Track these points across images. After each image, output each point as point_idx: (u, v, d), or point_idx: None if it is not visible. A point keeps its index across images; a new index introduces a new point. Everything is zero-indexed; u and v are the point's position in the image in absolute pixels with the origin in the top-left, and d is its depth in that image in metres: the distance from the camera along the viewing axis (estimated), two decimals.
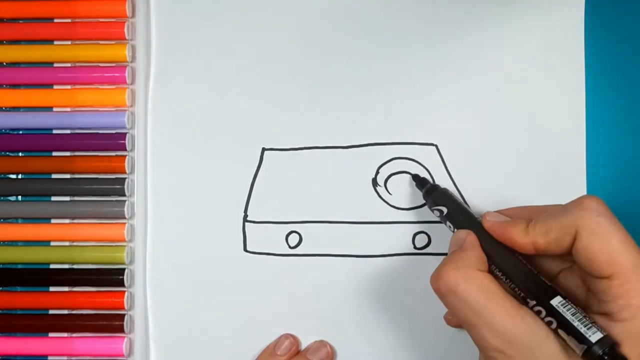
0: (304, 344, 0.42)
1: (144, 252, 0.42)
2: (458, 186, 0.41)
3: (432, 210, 0.39)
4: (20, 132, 0.43)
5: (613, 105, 0.42)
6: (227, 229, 0.42)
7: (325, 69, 0.42)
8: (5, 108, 0.43)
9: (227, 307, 0.42)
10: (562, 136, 0.41)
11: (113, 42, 0.43)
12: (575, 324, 0.31)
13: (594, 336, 0.30)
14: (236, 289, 0.42)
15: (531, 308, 0.32)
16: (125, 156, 0.42)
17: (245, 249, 0.42)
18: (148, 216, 0.42)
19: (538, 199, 0.41)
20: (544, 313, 0.32)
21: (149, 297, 0.42)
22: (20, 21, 0.43)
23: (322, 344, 0.41)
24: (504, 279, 0.34)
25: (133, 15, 0.43)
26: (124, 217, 0.42)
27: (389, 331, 0.41)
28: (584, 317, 0.31)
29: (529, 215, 0.34)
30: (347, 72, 0.42)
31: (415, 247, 0.41)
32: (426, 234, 0.41)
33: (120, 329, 0.42)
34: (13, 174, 0.43)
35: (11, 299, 0.42)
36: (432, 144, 0.42)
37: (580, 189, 0.41)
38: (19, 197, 0.43)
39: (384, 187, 0.42)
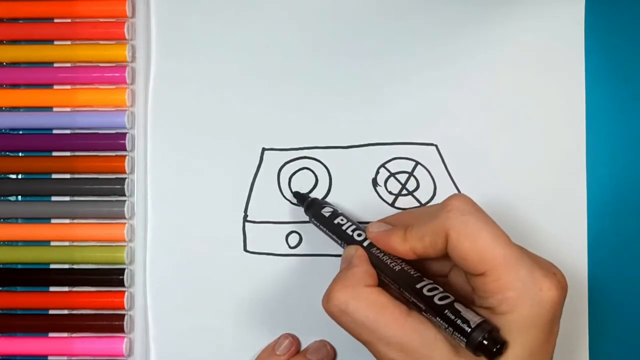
0: (304, 344, 0.42)
1: (144, 252, 0.42)
2: (458, 186, 0.41)
3: (313, 224, 0.40)
4: (20, 132, 0.43)
5: (613, 105, 0.42)
6: (227, 229, 0.42)
7: (325, 69, 0.42)
8: (5, 108, 0.43)
9: (227, 307, 0.42)
10: (562, 136, 0.41)
11: (113, 42, 0.43)
12: (452, 315, 0.31)
13: (472, 323, 0.31)
14: (236, 289, 0.42)
15: (417, 308, 0.33)
16: (125, 156, 0.42)
17: (245, 249, 0.42)
18: (148, 216, 0.42)
19: (538, 199, 0.41)
20: (424, 309, 0.32)
21: (149, 297, 0.42)
22: (20, 21, 0.43)
23: (322, 343, 0.41)
24: (393, 286, 0.34)
25: (133, 15, 0.43)
26: (124, 217, 0.42)
27: None
28: (464, 308, 0.31)
29: (409, 220, 0.35)
30: (348, 72, 0.42)
31: None
32: None
33: (120, 329, 0.42)
34: (13, 174, 0.43)
35: (11, 299, 0.42)
36: (432, 144, 0.42)
37: (580, 188, 0.41)
38: (19, 197, 0.43)
39: (384, 187, 0.42)
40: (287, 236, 0.42)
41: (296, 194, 0.41)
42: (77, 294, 0.42)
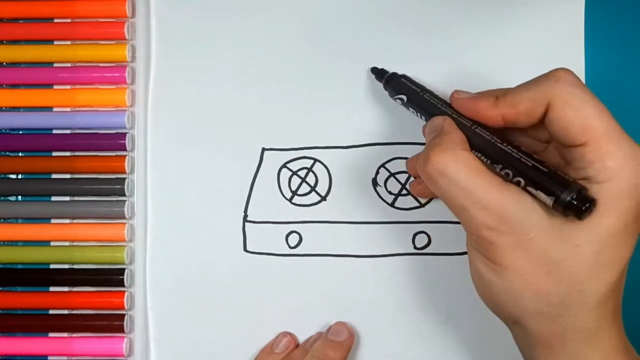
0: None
1: (144, 252, 0.42)
2: None
3: (395, 99, 0.39)
4: (20, 132, 0.43)
5: (613, 106, 0.41)
6: (227, 229, 0.42)
7: (325, 68, 0.42)
8: (5, 108, 0.43)
9: (227, 307, 0.42)
10: None
11: (113, 42, 0.43)
12: (542, 177, 0.31)
13: (562, 183, 0.30)
14: (236, 289, 0.42)
15: (503, 174, 0.32)
16: (125, 156, 0.42)
17: (245, 249, 0.42)
18: (148, 216, 0.42)
19: None
20: (511, 175, 0.32)
21: (149, 297, 0.42)
22: (20, 21, 0.43)
23: (342, 325, 0.41)
24: (479, 155, 0.34)
25: (133, 15, 0.43)
26: (124, 217, 0.42)
27: (389, 331, 0.41)
28: (549, 170, 0.31)
29: (499, 92, 0.34)
30: (347, 72, 0.42)
31: (415, 247, 0.41)
32: (426, 234, 0.41)
33: (120, 329, 0.42)
34: (13, 174, 0.43)
35: (11, 299, 0.42)
36: None
37: None
38: (19, 197, 0.43)
39: (384, 187, 0.42)
40: (287, 236, 0.42)
41: (374, 69, 0.41)
42: (77, 294, 0.42)
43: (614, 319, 0.32)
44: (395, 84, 0.39)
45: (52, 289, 0.42)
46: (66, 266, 0.43)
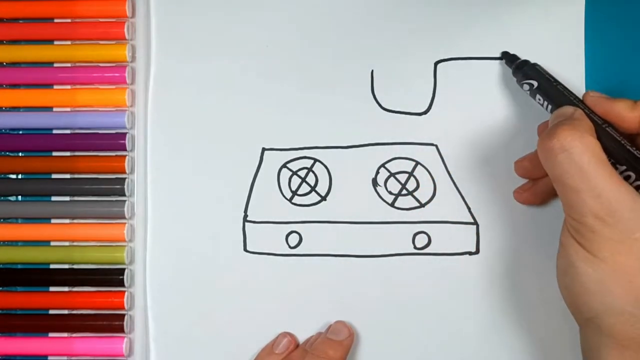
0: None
1: (144, 252, 0.42)
2: (458, 186, 0.41)
3: (521, 85, 0.39)
4: (20, 132, 0.43)
5: None
6: (227, 229, 0.42)
7: (325, 68, 0.42)
8: (5, 108, 0.43)
9: (227, 307, 0.42)
10: None
11: (113, 42, 0.43)
12: None
13: None
14: (236, 289, 0.42)
15: (622, 174, 0.32)
16: (125, 156, 0.42)
17: (245, 249, 0.42)
18: (148, 216, 0.42)
19: None
20: (633, 178, 0.32)
21: (149, 297, 0.42)
22: (20, 21, 0.43)
23: (342, 324, 0.41)
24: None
25: (133, 15, 0.43)
26: (124, 217, 0.42)
27: (389, 331, 0.41)
28: None
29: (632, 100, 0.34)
30: (348, 72, 0.42)
31: (415, 247, 0.41)
32: (426, 234, 0.41)
33: (120, 329, 0.42)
34: (13, 174, 0.43)
35: (11, 299, 0.42)
36: (432, 144, 0.42)
37: None
38: (19, 197, 0.43)
39: (384, 187, 0.42)
40: (287, 236, 0.42)
41: (505, 54, 0.41)
42: (77, 294, 0.42)
43: None
44: (528, 70, 0.39)
45: (52, 289, 0.42)
46: (66, 266, 0.43)
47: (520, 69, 0.39)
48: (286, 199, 0.42)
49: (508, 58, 0.41)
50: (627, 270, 0.31)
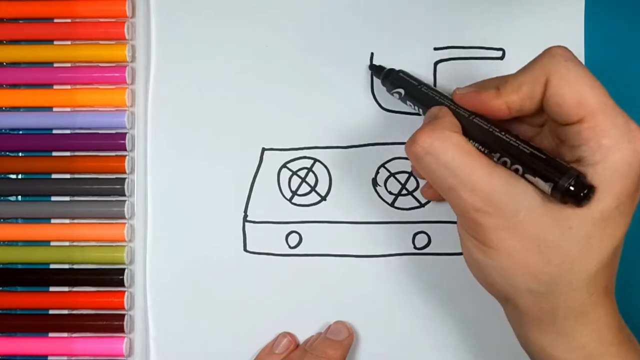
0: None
1: (144, 252, 0.42)
2: None
3: (392, 94, 0.39)
4: (20, 132, 0.43)
5: None
6: (227, 229, 0.42)
7: (325, 68, 0.42)
8: (5, 108, 0.43)
9: (227, 307, 0.42)
10: None
11: (113, 42, 0.43)
12: (540, 164, 0.31)
13: (560, 169, 0.30)
14: (236, 289, 0.42)
15: (498, 162, 0.32)
16: (125, 156, 0.42)
17: (245, 249, 0.42)
18: (148, 216, 0.42)
19: None
20: (509, 163, 0.32)
21: (149, 297, 0.42)
22: (20, 21, 0.43)
23: (341, 324, 0.41)
24: (476, 145, 0.33)
25: (133, 15, 0.43)
26: (124, 217, 0.42)
27: (389, 331, 0.41)
28: (548, 157, 0.31)
29: (498, 83, 0.34)
30: (347, 72, 0.42)
31: (415, 247, 0.41)
32: (426, 234, 0.41)
33: (120, 329, 0.42)
34: (13, 174, 0.43)
35: (11, 299, 0.42)
36: None
37: None
38: (19, 197, 0.43)
39: (384, 187, 0.42)
40: (287, 236, 0.42)
41: (372, 66, 0.41)
42: (77, 294, 0.42)
43: (606, 296, 0.32)
44: (393, 79, 0.39)
45: (52, 289, 0.42)
46: (66, 266, 0.43)
47: (387, 79, 0.40)
48: (286, 199, 0.42)
49: (375, 69, 0.41)
50: (520, 252, 0.31)
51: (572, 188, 0.30)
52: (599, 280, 0.31)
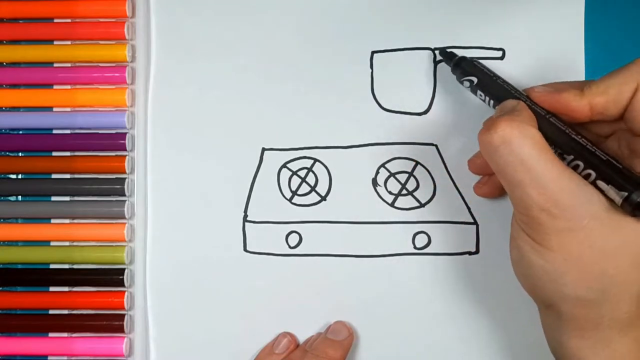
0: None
1: (144, 252, 0.42)
2: (458, 186, 0.41)
3: (462, 82, 0.39)
4: (20, 132, 0.43)
5: None
6: (227, 229, 0.42)
7: (325, 68, 0.42)
8: (5, 108, 0.43)
9: (227, 307, 0.42)
10: None
11: (113, 42, 0.43)
12: (615, 173, 0.30)
13: (634, 181, 0.30)
14: (236, 289, 0.42)
15: (570, 164, 0.32)
16: (125, 156, 0.42)
17: (245, 249, 0.42)
18: (148, 216, 0.42)
19: None
20: (581, 167, 0.31)
21: (149, 297, 0.42)
22: (20, 21, 0.43)
23: (342, 324, 0.41)
24: (553, 148, 0.33)
25: (133, 15, 0.43)
26: (124, 217, 0.42)
27: (389, 331, 0.41)
28: (624, 167, 0.31)
29: (579, 85, 0.33)
30: (347, 72, 0.42)
31: (415, 247, 0.41)
32: (426, 234, 0.41)
33: (120, 329, 0.42)
34: (13, 174, 0.43)
35: (11, 299, 0.42)
36: (432, 144, 0.42)
37: None
38: (19, 197, 0.43)
39: (384, 187, 0.42)
40: (287, 236, 0.42)
41: (442, 52, 0.40)
42: (77, 294, 0.42)
43: None
44: (465, 66, 0.39)
45: (52, 289, 0.42)
46: (66, 266, 0.43)
47: (459, 66, 0.39)
48: (286, 199, 0.42)
49: (446, 55, 0.40)
50: (577, 258, 0.31)
51: None
52: None
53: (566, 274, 0.31)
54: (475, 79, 0.38)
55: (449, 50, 0.41)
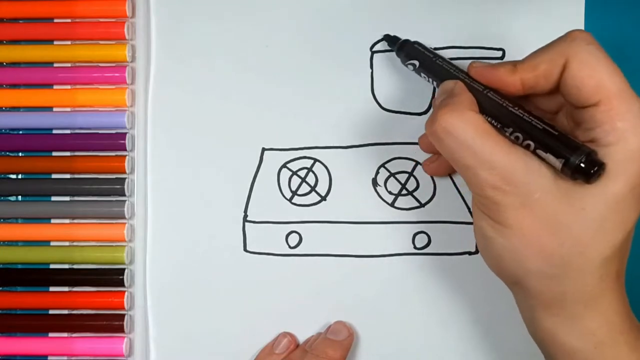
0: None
1: (144, 252, 0.42)
2: (458, 186, 0.41)
3: (406, 65, 0.39)
4: (20, 132, 0.43)
5: None
6: (227, 229, 0.42)
7: (325, 69, 0.42)
8: (5, 108, 0.43)
9: (227, 307, 0.42)
10: None
11: (113, 42, 0.43)
12: (552, 140, 0.31)
13: (571, 146, 0.30)
14: (236, 289, 0.42)
15: (511, 136, 0.32)
16: (125, 156, 0.42)
17: (245, 249, 0.42)
18: (148, 216, 0.42)
19: None
20: (521, 138, 0.32)
21: (149, 297, 0.42)
22: (20, 21, 0.43)
23: (341, 324, 0.41)
24: (492, 121, 0.33)
25: (133, 15, 0.43)
26: (124, 217, 0.42)
27: (389, 331, 0.41)
28: (560, 134, 0.31)
29: (515, 62, 0.34)
30: (347, 72, 0.42)
31: (415, 247, 0.41)
32: (426, 234, 0.41)
33: (120, 329, 0.42)
34: (13, 174, 0.43)
35: (11, 299, 0.42)
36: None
37: None
38: (19, 197, 0.43)
39: (384, 187, 0.42)
40: (287, 236, 0.42)
41: (386, 36, 0.41)
42: (77, 294, 0.42)
43: (617, 282, 0.32)
44: (408, 50, 0.39)
45: (52, 289, 0.42)
46: (66, 266, 0.43)
47: (402, 49, 0.39)
48: (286, 199, 0.42)
49: (389, 40, 0.41)
50: (534, 232, 0.31)
51: (582, 165, 0.30)
52: (610, 265, 0.31)
53: (526, 250, 0.31)
54: (417, 62, 0.38)
55: (393, 35, 0.41)
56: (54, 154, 0.43)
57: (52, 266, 0.43)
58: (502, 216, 0.31)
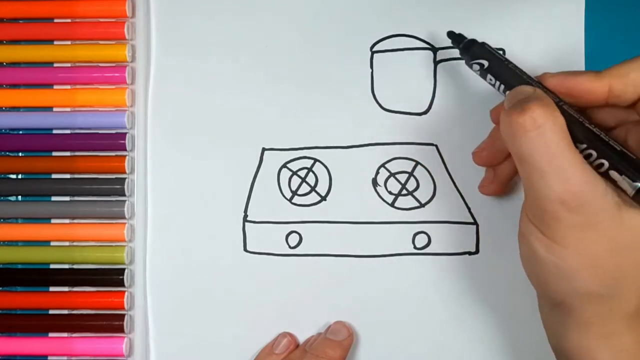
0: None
1: (144, 252, 0.42)
2: (458, 186, 0.41)
3: (470, 66, 0.38)
4: (20, 132, 0.43)
5: None
6: (227, 229, 0.42)
7: (325, 69, 0.42)
8: (5, 108, 0.43)
9: (227, 308, 0.42)
10: None
11: (113, 42, 0.43)
12: (628, 164, 0.30)
13: None
14: (236, 289, 0.42)
15: (585, 154, 0.31)
16: (125, 156, 0.42)
17: (245, 249, 0.42)
18: (148, 216, 0.42)
19: None
20: (594, 156, 0.31)
21: (149, 297, 0.42)
22: (20, 21, 0.43)
23: (341, 324, 0.41)
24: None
25: (133, 15, 0.43)
26: (124, 217, 0.42)
27: (389, 331, 0.41)
28: (637, 158, 0.30)
29: (593, 72, 0.33)
30: (347, 72, 0.42)
31: (415, 247, 0.41)
32: (426, 234, 0.41)
33: (120, 329, 0.42)
34: (13, 174, 0.43)
35: (11, 299, 0.42)
36: (432, 144, 0.42)
37: None
38: (19, 197, 0.43)
39: (384, 187, 0.42)
40: (287, 236, 0.42)
41: (450, 34, 0.39)
42: (77, 294, 0.42)
43: None
44: (476, 49, 0.37)
45: (52, 289, 0.42)
46: (66, 266, 0.43)
47: (468, 49, 0.38)
48: (286, 199, 0.42)
49: (454, 38, 0.39)
50: (591, 254, 0.30)
51: None
52: None
53: (580, 271, 0.30)
54: (485, 63, 0.37)
55: (458, 33, 0.39)
56: (54, 154, 0.43)
57: (52, 266, 0.43)
58: (560, 234, 0.30)
